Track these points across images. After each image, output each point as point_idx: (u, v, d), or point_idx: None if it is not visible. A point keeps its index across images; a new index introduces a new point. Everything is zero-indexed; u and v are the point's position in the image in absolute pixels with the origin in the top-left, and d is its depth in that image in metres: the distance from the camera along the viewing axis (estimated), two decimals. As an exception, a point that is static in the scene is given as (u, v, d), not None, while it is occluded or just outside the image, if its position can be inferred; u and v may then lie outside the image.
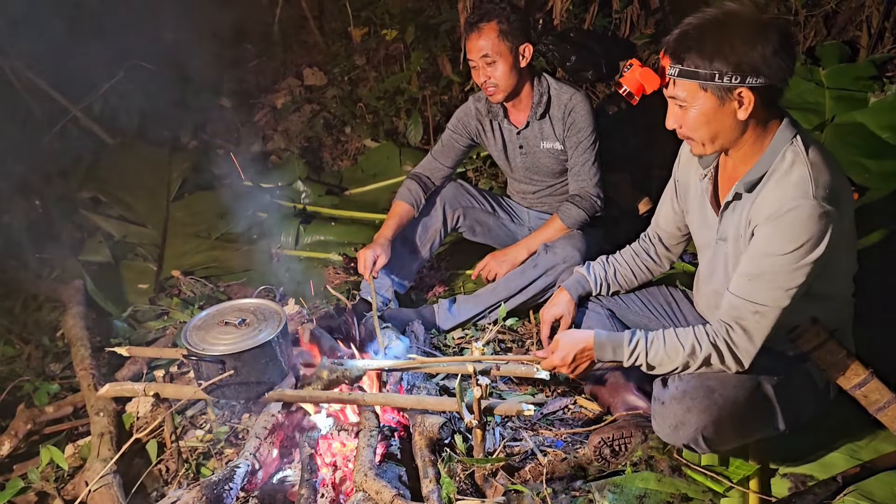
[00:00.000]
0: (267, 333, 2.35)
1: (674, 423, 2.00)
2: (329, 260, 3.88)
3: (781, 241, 1.82)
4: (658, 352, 2.04)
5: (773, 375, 2.06)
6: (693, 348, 1.98)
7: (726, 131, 1.90)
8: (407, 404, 2.40)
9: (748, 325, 1.92)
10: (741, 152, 1.95)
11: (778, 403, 2.04)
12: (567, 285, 2.55)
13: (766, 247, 1.85)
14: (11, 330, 3.50)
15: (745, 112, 1.84)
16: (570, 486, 2.22)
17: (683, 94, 1.87)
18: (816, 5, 4.43)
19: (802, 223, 1.79)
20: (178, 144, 5.23)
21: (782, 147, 1.88)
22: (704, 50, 1.80)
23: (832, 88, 4.02)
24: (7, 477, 2.64)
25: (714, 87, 1.81)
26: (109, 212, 4.48)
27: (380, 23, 5.34)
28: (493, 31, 2.92)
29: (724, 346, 1.95)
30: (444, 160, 3.32)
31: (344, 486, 2.29)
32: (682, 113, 1.91)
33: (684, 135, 1.96)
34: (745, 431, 2.07)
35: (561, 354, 2.19)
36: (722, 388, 1.99)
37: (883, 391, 2.00)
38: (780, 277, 1.85)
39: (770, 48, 1.76)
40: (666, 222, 2.43)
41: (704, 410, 1.96)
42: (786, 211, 1.81)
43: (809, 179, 1.81)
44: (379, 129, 5.06)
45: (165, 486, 2.44)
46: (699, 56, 1.80)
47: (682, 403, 1.99)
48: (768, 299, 1.88)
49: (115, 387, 2.52)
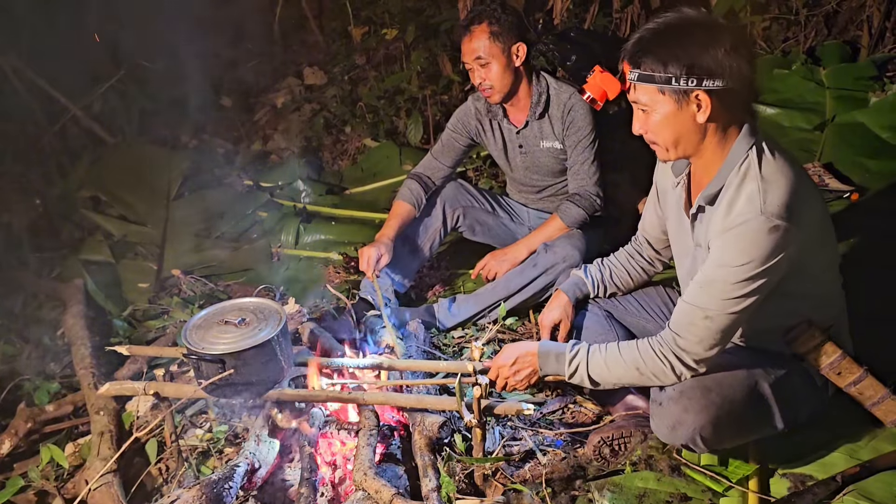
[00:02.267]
0: (267, 333, 2.35)
1: (671, 424, 2.00)
2: (329, 259, 3.89)
3: (731, 253, 1.83)
4: (598, 364, 2.05)
5: (771, 375, 2.05)
6: (636, 362, 1.99)
7: (687, 135, 1.90)
8: (407, 403, 2.40)
9: (698, 330, 1.92)
10: (704, 160, 1.95)
11: (776, 402, 2.04)
12: (564, 288, 2.54)
13: (719, 258, 1.87)
14: (11, 329, 3.50)
15: (704, 115, 1.84)
16: (570, 485, 2.22)
17: (645, 99, 1.88)
18: (817, 5, 4.44)
19: (752, 238, 1.80)
20: (178, 143, 5.23)
21: (739, 159, 1.88)
22: (659, 54, 1.82)
23: (833, 88, 4.02)
24: (7, 475, 2.64)
25: (671, 91, 1.83)
26: (109, 211, 4.48)
27: (380, 22, 5.35)
28: (485, 33, 2.92)
29: (672, 356, 1.96)
30: (444, 160, 3.33)
31: (343, 485, 2.30)
32: (646, 118, 1.92)
33: (649, 140, 1.97)
34: (743, 430, 2.07)
35: (504, 357, 2.22)
36: (719, 388, 1.99)
37: (877, 387, 2.03)
38: (730, 287, 1.85)
39: (721, 50, 1.77)
40: (651, 227, 2.44)
41: (701, 410, 1.96)
42: (735, 225, 1.82)
43: (759, 194, 1.81)
44: (379, 129, 5.07)
45: (165, 484, 2.44)
46: (654, 60, 1.82)
47: (679, 404, 1.99)
48: (718, 306, 1.88)
49: (115, 386, 2.52)
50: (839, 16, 4.44)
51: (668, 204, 2.25)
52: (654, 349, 1.98)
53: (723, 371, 2.03)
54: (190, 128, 5.33)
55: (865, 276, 2.60)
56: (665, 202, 2.28)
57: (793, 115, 3.95)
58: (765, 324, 2.05)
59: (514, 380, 2.22)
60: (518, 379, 2.22)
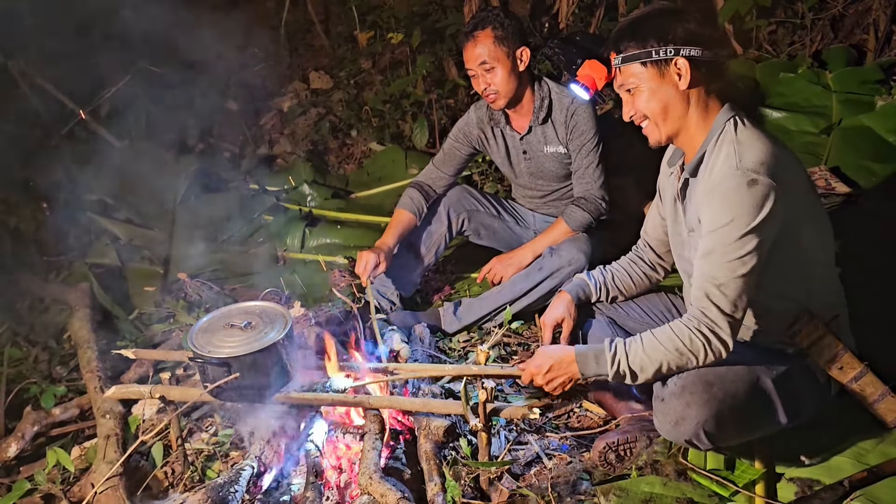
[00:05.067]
0: (272, 336, 2.35)
1: (674, 419, 2.00)
2: (335, 263, 3.89)
3: (717, 214, 1.91)
4: (637, 354, 2.03)
5: (773, 370, 2.06)
6: (674, 343, 1.99)
7: (673, 104, 2.01)
8: (412, 407, 2.40)
9: (718, 302, 1.94)
10: (689, 135, 2.06)
11: (778, 398, 2.04)
12: (567, 289, 2.55)
13: (709, 223, 1.94)
14: (18, 332, 3.51)
15: (685, 81, 1.97)
16: (575, 490, 2.22)
17: (630, 80, 2.03)
18: (823, 9, 4.43)
19: (732, 194, 1.88)
20: (184, 147, 5.24)
21: (717, 128, 2.01)
22: (637, 34, 2.00)
23: (839, 92, 4.01)
24: (14, 479, 2.65)
25: (652, 63, 1.98)
26: (116, 215, 4.49)
27: (386, 27, 5.37)
28: (489, 38, 2.93)
29: (706, 330, 1.96)
30: (446, 169, 3.34)
31: (349, 489, 2.29)
32: (633, 98, 2.05)
33: (639, 119, 2.08)
34: (746, 426, 2.06)
35: (537, 363, 2.19)
36: (721, 383, 1.99)
37: (877, 384, 2.07)
38: (728, 249, 1.90)
39: (693, 22, 1.97)
40: (653, 230, 2.48)
41: (704, 404, 1.96)
42: (714, 186, 1.92)
43: (734, 154, 1.91)
44: (385, 133, 5.07)
45: (171, 488, 2.45)
46: (635, 40, 2.00)
47: (681, 399, 1.99)
48: (725, 272, 1.92)
49: (121, 389, 2.53)
50: (845, 20, 4.43)
51: (666, 203, 2.30)
52: (688, 328, 1.98)
53: (725, 366, 2.04)
54: (196, 132, 5.35)
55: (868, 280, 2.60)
56: (664, 200, 2.33)
57: (799, 118, 3.94)
58: (768, 317, 2.10)
59: (548, 387, 2.20)
60: (553, 386, 2.19)
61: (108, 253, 4.10)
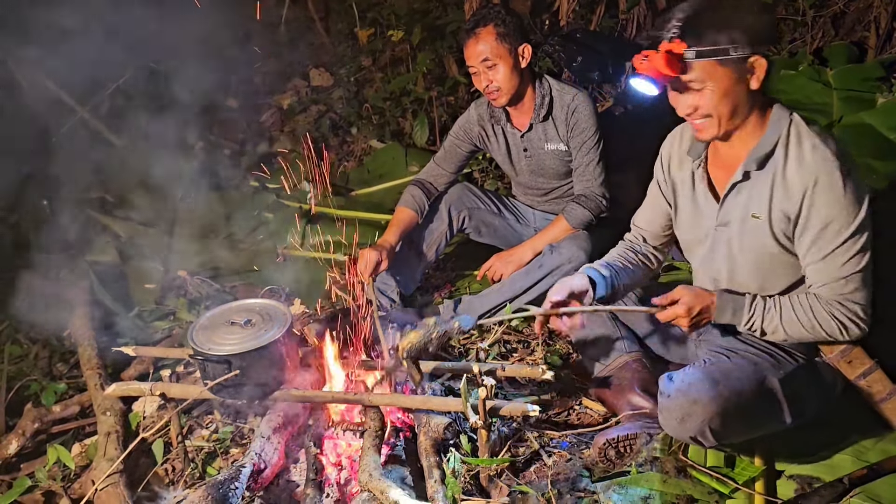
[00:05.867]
0: (272, 333, 2.35)
1: (680, 416, 2.00)
2: (335, 260, 3.89)
3: (819, 210, 1.91)
4: (773, 321, 2.03)
5: (779, 370, 2.08)
6: (812, 326, 2.00)
7: (742, 104, 1.94)
8: (412, 404, 2.40)
9: (854, 292, 1.97)
10: (745, 132, 2.00)
11: (784, 397, 2.05)
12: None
13: (824, 217, 1.91)
14: (19, 330, 3.51)
15: (758, 81, 1.89)
16: (575, 486, 2.22)
17: (701, 75, 1.88)
18: (824, 6, 4.43)
19: (826, 187, 1.88)
20: (185, 145, 5.24)
21: (783, 123, 1.96)
22: (719, 25, 1.84)
23: (840, 89, 4.01)
24: (14, 476, 2.65)
25: (731, 60, 1.85)
26: (116, 212, 4.50)
27: (386, 24, 5.36)
28: (491, 35, 2.92)
29: (846, 318, 1.98)
30: (447, 166, 3.34)
31: (349, 486, 2.30)
32: (699, 95, 1.92)
33: (700, 116, 1.97)
34: (751, 424, 2.07)
35: (687, 303, 2.05)
36: (726, 380, 2.01)
37: (886, 382, 2.08)
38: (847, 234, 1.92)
39: (767, 16, 1.90)
40: (650, 223, 2.44)
41: (710, 402, 1.97)
42: (815, 182, 1.89)
43: (823, 145, 1.90)
44: (385, 130, 5.07)
45: (171, 485, 2.45)
46: (714, 32, 1.83)
47: (687, 396, 2.00)
48: (850, 266, 1.94)
49: (121, 386, 2.53)
50: (846, 17, 4.42)
51: (678, 194, 2.26)
52: (830, 314, 1.99)
53: (732, 364, 2.06)
54: (197, 129, 5.34)
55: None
56: (674, 193, 2.28)
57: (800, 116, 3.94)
58: None
59: (687, 325, 2.07)
60: (693, 325, 2.08)
61: (109, 250, 4.10)
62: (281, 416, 2.47)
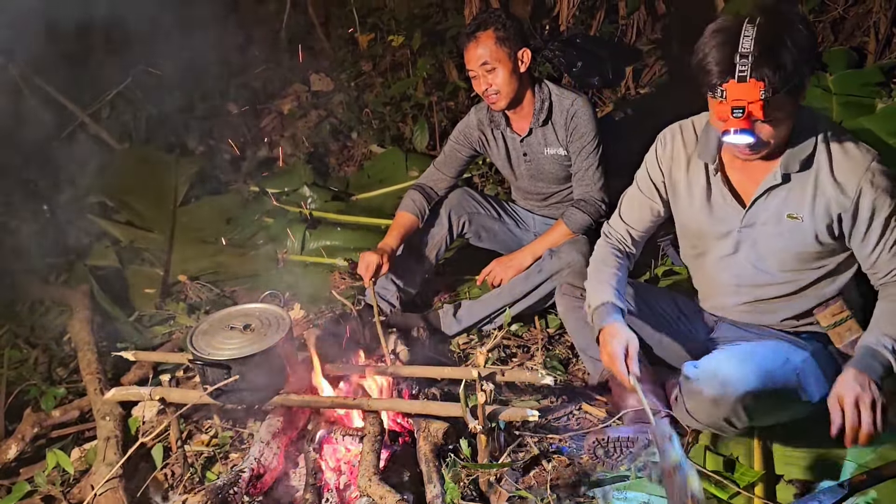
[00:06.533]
0: (272, 338, 2.35)
1: (712, 397, 2.04)
2: (335, 265, 3.89)
3: (884, 199, 1.95)
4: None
5: (799, 352, 2.15)
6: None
7: (793, 122, 1.94)
8: (412, 409, 2.40)
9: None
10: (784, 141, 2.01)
11: (807, 375, 2.10)
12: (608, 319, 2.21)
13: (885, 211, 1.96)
14: (18, 334, 3.52)
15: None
16: (575, 491, 2.22)
17: (777, 112, 1.84)
18: (823, 11, 4.43)
19: (882, 175, 1.95)
20: (185, 150, 5.25)
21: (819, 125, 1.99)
22: (789, 61, 1.77)
23: (839, 94, 4.00)
24: (13, 480, 2.65)
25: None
26: (116, 217, 4.50)
27: (386, 29, 5.36)
28: (491, 39, 2.93)
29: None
30: (447, 171, 3.34)
31: (348, 491, 2.29)
32: (772, 127, 1.88)
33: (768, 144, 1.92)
34: (781, 401, 2.10)
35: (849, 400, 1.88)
36: (753, 357, 2.08)
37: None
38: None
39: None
40: (640, 221, 2.38)
41: (741, 380, 2.01)
42: (872, 175, 1.94)
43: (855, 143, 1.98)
44: (385, 135, 5.07)
45: (171, 490, 2.45)
46: (786, 69, 1.77)
47: (717, 377, 2.04)
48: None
49: (121, 391, 2.54)
50: (845, 22, 4.43)
51: (683, 193, 2.24)
52: None
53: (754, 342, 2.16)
54: (197, 134, 5.35)
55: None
56: (676, 192, 2.26)
57: (799, 121, 3.94)
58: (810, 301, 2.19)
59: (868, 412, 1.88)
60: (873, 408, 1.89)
61: (109, 255, 4.11)
62: (280, 420, 2.47)
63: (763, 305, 2.26)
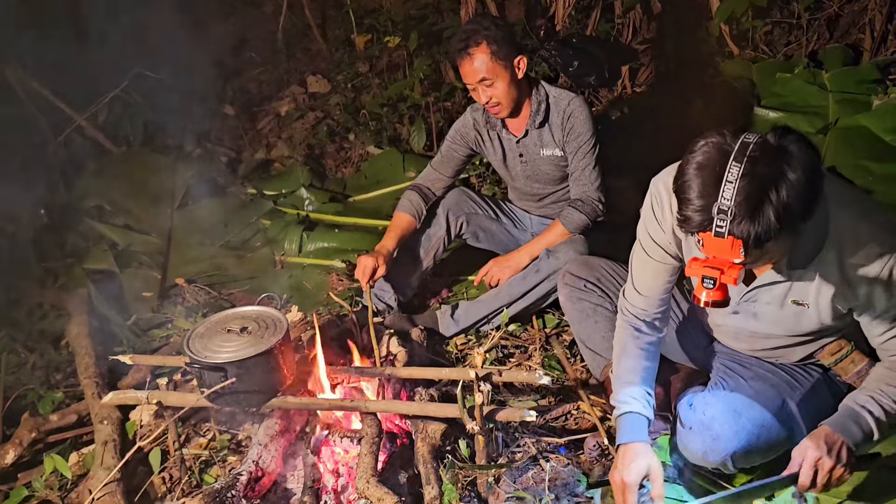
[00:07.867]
0: (269, 341, 2.35)
1: (703, 451, 2.02)
2: (332, 267, 3.89)
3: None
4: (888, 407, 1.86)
5: (796, 391, 2.10)
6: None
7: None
8: (409, 411, 2.40)
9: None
10: None
11: (802, 420, 2.06)
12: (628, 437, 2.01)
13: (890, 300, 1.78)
14: (16, 338, 3.51)
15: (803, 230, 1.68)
16: (573, 492, 2.22)
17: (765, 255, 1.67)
18: (819, 9, 4.44)
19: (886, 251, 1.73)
20: (182, 153, 5.24)
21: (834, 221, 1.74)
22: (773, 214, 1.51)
23: (835, 92, 4.02)
24: (11, 486, 2.64)
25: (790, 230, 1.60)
26: (114, 220, 4.49)
27: (383, 30, 5.37)
28: (485, 54, 2.87)
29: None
30: (444, 171, 3.33)
31: (346, 493, 2.29)
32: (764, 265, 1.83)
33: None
34: (772, 448, 2.07)
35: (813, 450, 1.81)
36: (748, 411, 2.02)
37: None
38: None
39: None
40: (657, 289, 2.13)
41: (733, 437, 1.98)
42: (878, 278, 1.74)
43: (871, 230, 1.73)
44: (382, 136, 5.07)
45: (169, 494, 2.44)
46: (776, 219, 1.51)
47: (710, 431, 2.01)
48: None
49: (118, 395, 2.53)
50: (841, 20, 4.43)
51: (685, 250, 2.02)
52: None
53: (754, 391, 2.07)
54: (193, 137, 5.35)
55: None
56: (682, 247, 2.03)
57: (796, 118, 3.94)
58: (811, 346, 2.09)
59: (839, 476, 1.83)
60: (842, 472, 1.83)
61: (106, 258, 4.10)
62: (278, 423, 2.47)
63: (763, 353, 2.18)
